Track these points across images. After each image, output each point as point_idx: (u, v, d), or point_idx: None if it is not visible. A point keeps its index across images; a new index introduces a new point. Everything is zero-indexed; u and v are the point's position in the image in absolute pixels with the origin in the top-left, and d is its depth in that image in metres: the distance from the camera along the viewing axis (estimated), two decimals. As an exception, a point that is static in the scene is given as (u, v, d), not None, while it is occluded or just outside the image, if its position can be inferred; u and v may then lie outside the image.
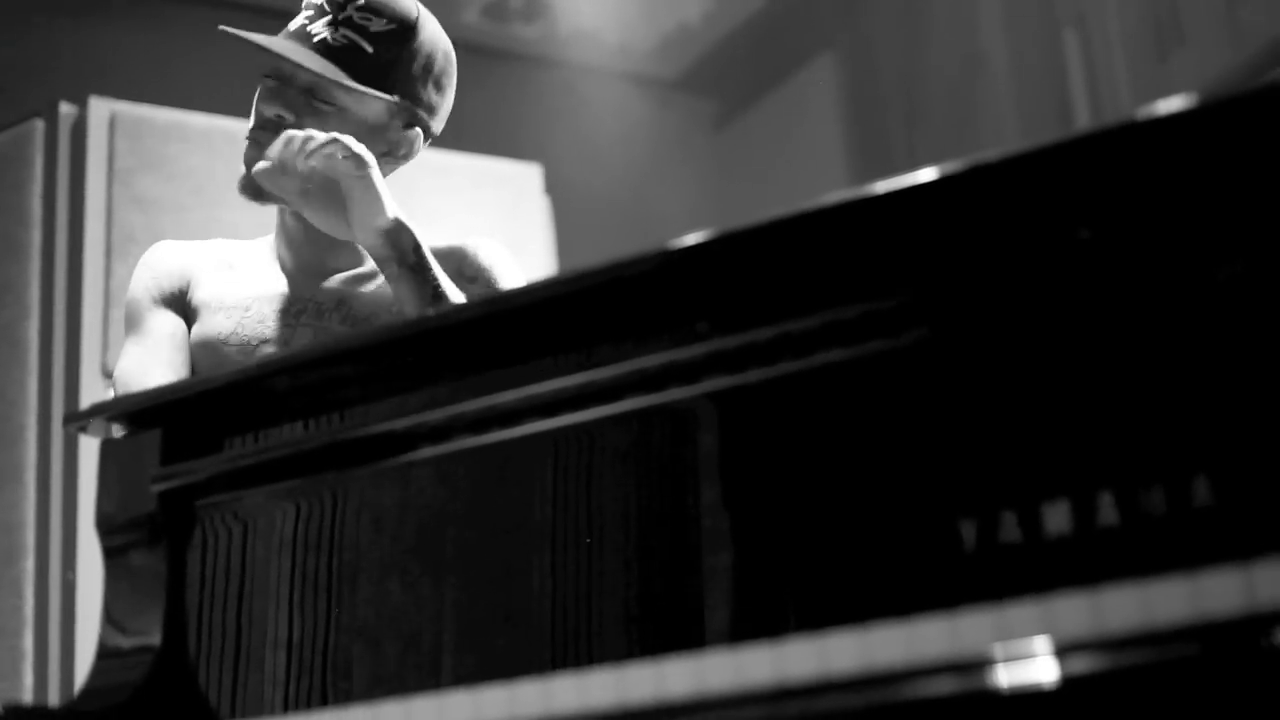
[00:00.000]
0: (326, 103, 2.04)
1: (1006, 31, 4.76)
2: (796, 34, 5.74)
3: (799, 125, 5.79)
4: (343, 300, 2.09)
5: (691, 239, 1.17)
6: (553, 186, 4.08)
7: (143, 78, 3.50)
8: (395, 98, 2.07)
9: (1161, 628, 0.93)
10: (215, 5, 3.63)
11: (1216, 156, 1.03)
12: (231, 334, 2.06)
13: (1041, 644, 0.94)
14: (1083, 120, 4.33)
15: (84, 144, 3.28)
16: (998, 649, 0.96)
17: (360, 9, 2.06)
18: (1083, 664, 0.94)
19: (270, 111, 2.03)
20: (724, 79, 6.09)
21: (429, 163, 3.65)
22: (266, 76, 2.06)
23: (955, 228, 1.12)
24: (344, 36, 2.05)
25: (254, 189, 2.02)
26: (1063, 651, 0.94)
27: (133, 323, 2.13)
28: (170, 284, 2.14)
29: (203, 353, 2.06)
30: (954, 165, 1.09)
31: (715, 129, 6.23)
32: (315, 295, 2.10)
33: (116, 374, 2.08)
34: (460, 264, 2.11)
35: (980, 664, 0.96)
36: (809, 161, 5.63)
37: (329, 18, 2.04)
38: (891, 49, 5.26)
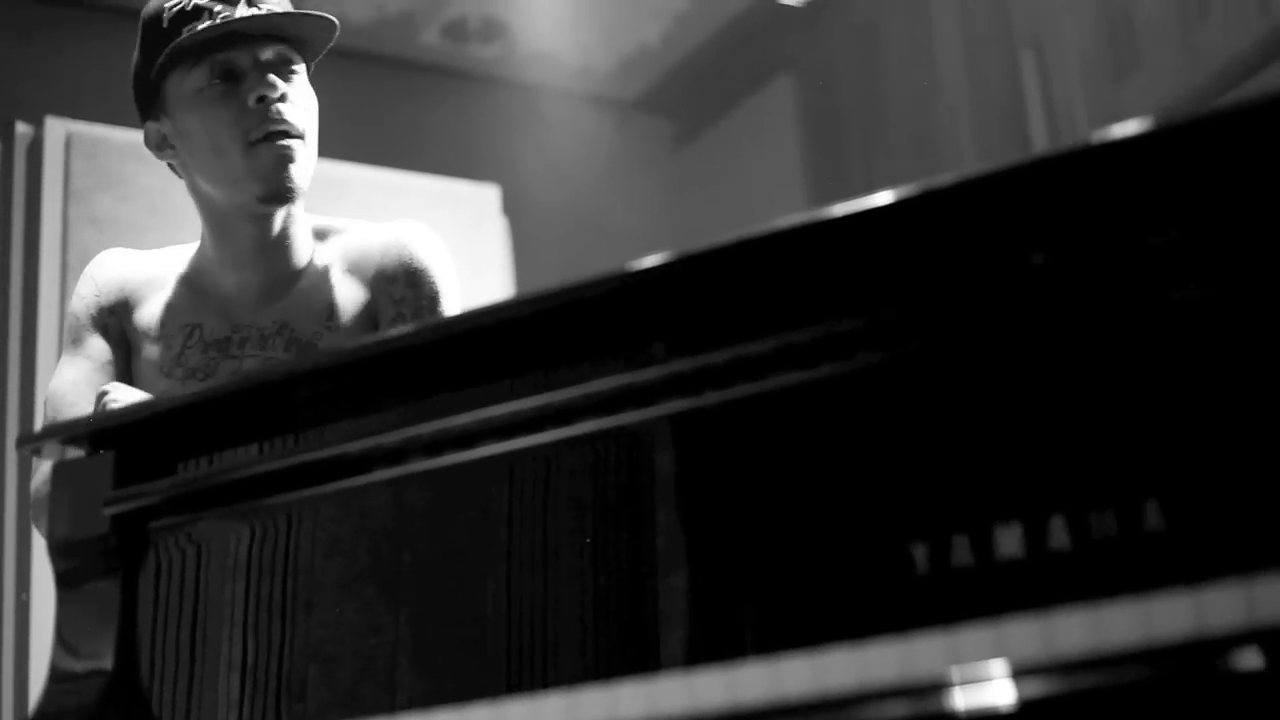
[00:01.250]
0: (295, 70, 2.07)
1: (964, 54, 4.78)
2: (755, 56, 5.76)
3: (757, 147, 5.81)
4: (284, 325, 2.08)
5: (649, 261, 1.17)
6: (511, 207, 4.08)
7: (99, 97, 3.49)
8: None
9: (1112, 651, 0.93)
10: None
11: (1172, 179, 1.04)
12: (175, 365, 2.05)
13: (996, 668, 0.95)
14: (1040, 143, 4.35)
15: (40, 164, 3.28)
16: (954, 672, 0.96)
17: None
18: (1034, 688, 0.94)
19: (276, 92, 2.02)
20: (683, 100, 6.10)
21: (386, 183, 3.66)
22: (266, 46, 2.05)
23: (913, 251, 1.13)
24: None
25: (287, 197, 2.03)
26: (1016, 675, 0.94)
27: (72, 338, 2.12)
28: (111, 301, 2.13)
29: (147, 379, 2.05)
30: (912, 188, 1.09)
31: (674, 150, 6.24)
32: (256, 321, 2.08)
33: (50, 391, 2.07)
34: (384, 262, 2.11)
35: (933, 688, 0.96)
36: (767, 183, 5.64)
37: None
38: (850, 71, 5.28)
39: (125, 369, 2.08)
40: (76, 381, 2.05)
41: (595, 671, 1.14)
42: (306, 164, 2.05)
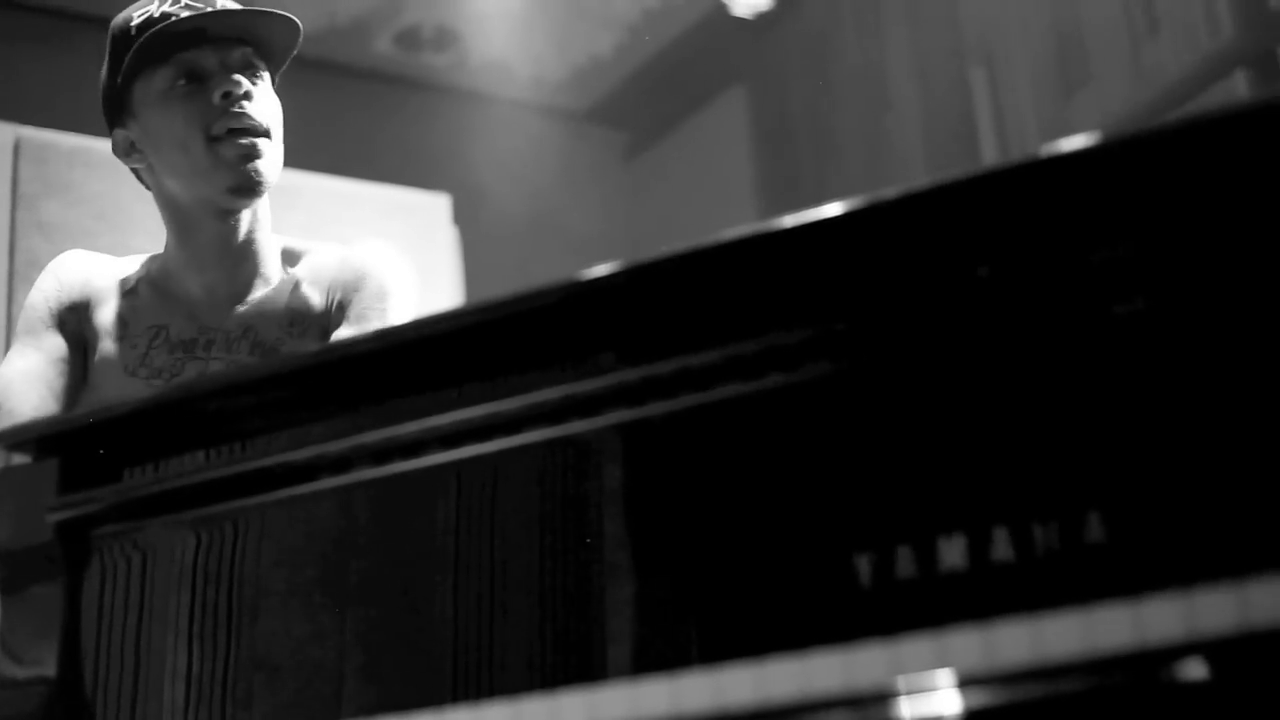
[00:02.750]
0: (260, 74, 2.08)
1: (915, 68, 4.81)
2: (707, 67, 5.77)
3: (709, 158, 5.82)
4: (250, 328, 2.08)
5: (599, 271, 1.17)
6: (461, 217, 4.08)
7: (47, 102, 3.48)
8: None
9: (1054, 662, 0.94)
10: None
11: (1120, 194, 1.04)
12: (139, 365, 2.05)
13: (940, 678, 0.95)
14: (989, 157, 4.37)
15: (-14, 169, 3.26)
16: (898, 682, 0.96)
17: None
18: (978, 698, 0.94)
19: (241, 89, 2.03)
20: (634, 111, 6.12)
21: (336, 191, 3.65)
22: (232, 49, 2.06)
23: (861, 263, 1.13)
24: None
25: (254, 191, 2.04)
26: (960, 685, 0.95)
27: (27, 329, 2.12)
28: (72, 298, 2.13)
29: (106, 379, 2.05)
30: (862, 200, 1.09)
31: (625, 161, 6.25)
32: (223, 324, 2.09)
33: None
34: (341, 276, 2.12)
35: (877, 698, 0.96)
36: (718, 194, 5.66)
37: None
38: (801, 84, 5.30)
39: (80, 368, 2.08)
40: (27, 373, 2.05)
41: (539, 680, 1.14)
42: (272, 161, 2.07)
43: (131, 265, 2.19)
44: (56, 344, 2.08)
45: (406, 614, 1.22)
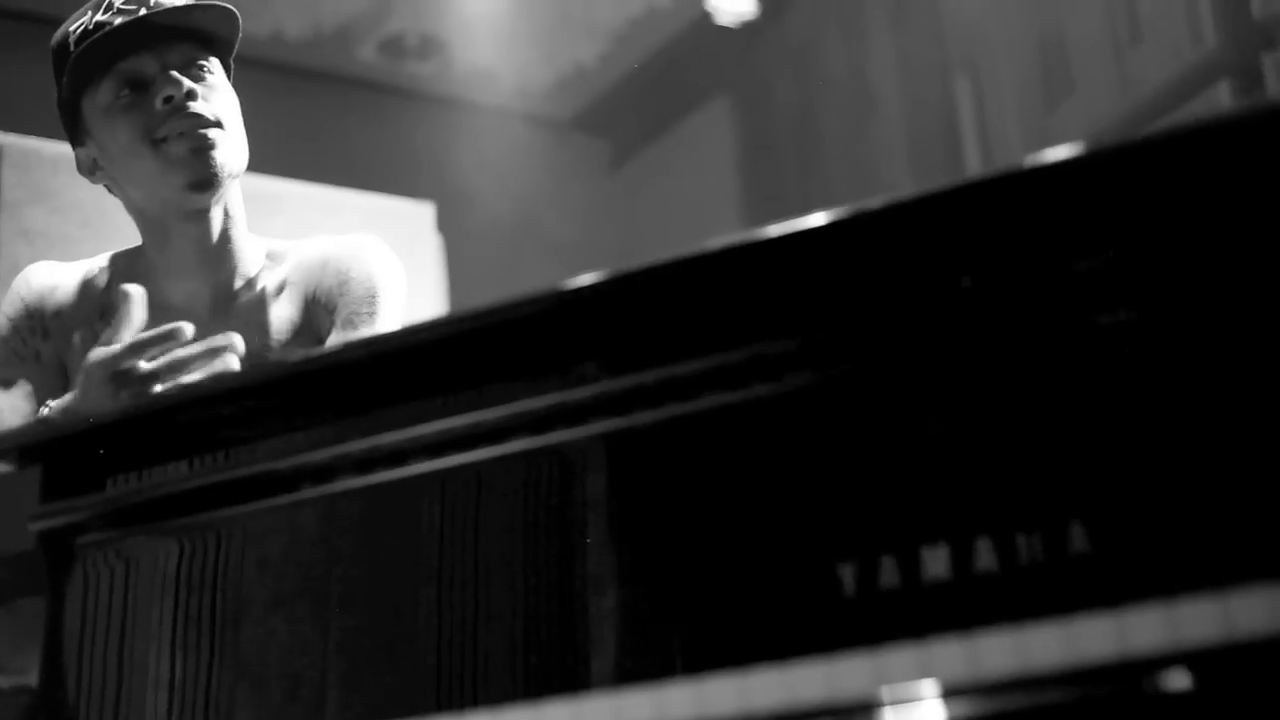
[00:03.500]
0: (206, 69, 2.06)
1: (899, 78, 4.81)
2: (692, 77, 5.78)
3: (693, 167, 5.83)
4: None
5: (582, 280, 1.17)
6: (445, 224, 4.08)
7: (31, 110, 3.47)
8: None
9: (1038, 673, 0.94)
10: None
11: (1103, 204, 1.04)
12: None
13: (923, 688, 0.95)
14: (973, 167, 4.38)
15: (-30, 177, 3.25)
16: (881, 693, 0.96)
17: None
18: (961, 708, 0.94)
19: (182, 90, 2.01)
20: (619, 120, 6.12)
21: (320, 199, 3.65)
22: (170, 48, 2.04)
23: (846, 273, 1.13)
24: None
25: (214, 182, 2.02)
26: (943, 696, 0.95)
27: (3, 362, 2.09)
28: (42, 323, 2.10)
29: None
30: (846, 210, 1.10)
31: (609, 170, 6.25)
32: (208, 335, 2.07)
33: None
34: (324, 277, 2.11)
35: (860, 708, 0.96)
36: (702, 203, 5.66)
37: None
38: (786, 93, 5.31)
39: (62, 390, 2.05)
40: (12, 409, 2.03)
41: (523, 690, 1.14)
42: (229, 149, 2.04)
43: (95, 266, 2.16)
44: (32, 373, 2.06)
45: (390, 623, 1.22)
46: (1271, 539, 0.93)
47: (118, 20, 2.00)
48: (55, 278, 2.15)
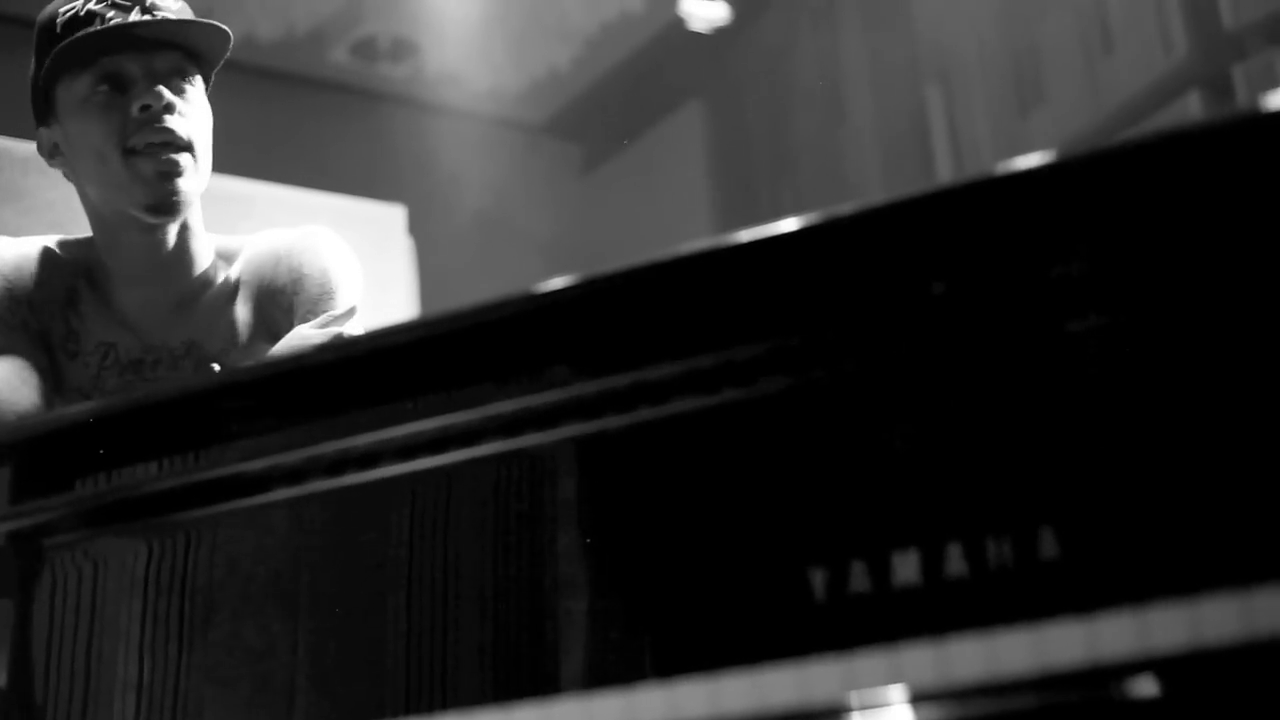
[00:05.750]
0: (188, 82, 2.04)
1: (871, 86, 4.83)
2: (665, 82, 5.79)
3: (665, 172, 5.84)
4: (193, 344, 2.05)
5: (554, 284, 1.17)
6: (416, 228, 4.08)
7: (1, 110, 3.46)
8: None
9: (1007, 679, 0.94)
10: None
11: (1074, 212, 1.05)
12: (93, 387, 2.02)
13: (893, 694, 0.95)
14: (945, 173, 4.40)
15: (-60, 175, 3.24)
16: (851, 698, 0.96)
17: None
18: (930, 714, 0.95)
19: (161, 102, 1.99)
20: (591, 124, 6.13)
21: (291, 201, 3.64)
22: (157, 54, 2.02)
23: (816, 278, 1.13)
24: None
25: (175, 209, 2.00)
26: (913, 701, 0.95)
27: None
28: (25, 293, 2.08)
29: (64, 400, 2.01)
30: (817, 216, 1.10)
31: (582, 174, 6.26)
32: (166, 341, 2.05)
33: None
34: (276, 274, 2.09)
35: (830, 713, 0.96)
36: (675, 208, 5.67)
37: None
38: (758, 100, 5.32)
39: (49, 368, 2.02)
40: (9, 377, 1.99)
41: (493, 694, 1.14)
42: (193, 176, 2.02)
43: (53, 248, 2.12)
44: (19, 342, 2.02)
45: (359, 626, 1.22)
46: (1243, 545, 0.93)
47: (110, 14, 1.97)
48: (16, 252, 2.12)
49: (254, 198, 3.47)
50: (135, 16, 1.99)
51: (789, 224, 1.10)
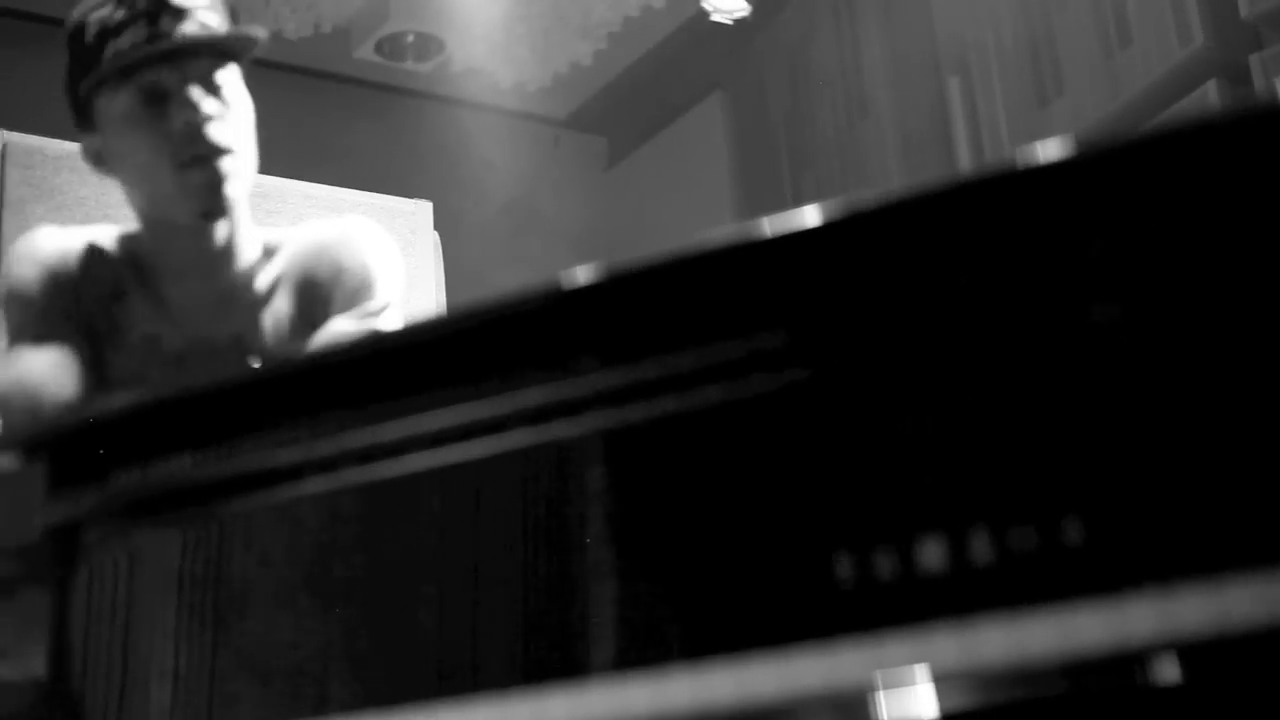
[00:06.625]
0: (223, 81, 2.05)
1: (891, 77, 4.83)
2: (687, 75, 5.79)
3: (688, 165, 5.83)
4: (238, 338, 2.07)
5: (579, 276, 1.18)
6: (442, 223, 4.09)
7: (34, 108, 3.48)
8: None
9: (1035, 664, 0.95)
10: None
11: (1094, 200, 1.06)
12: (137, 379, 2.03)
13: (921, 674, 0.96)
14: (966, 164, 4.39)
15: (-26, 174, 3.25)
16: (878, 678, 0.97)
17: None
18: (958, 698, 0.95)
19: (201, 114, 2.00)
20: (615, 118, 6.13)
21: (319, 197, 3.66)
22: (190, 61, 2.03)
23: (840, 268, 1.14)
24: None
25: (224, 212, 2.01)
26: (941, 685, 0.96)
27: (27, 322, 2.05)
28: (71, 282, 2.08)
29: (107, 391, 2.02)
30: (842, 205, 1.11)
31: (605, 167, 6.26)
32: (212, 334, 2.07)
33: (14, 380, 2.01)
34: (317, 267, 2.10)
35: (859, 695, 0.97)
36: (697, 201, 5.66)
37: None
38: (780, 92, 5.32)
39: (92, 359, 2.03)
40: (53, 366, 1.98)
41: (524, 678, 1.15)
42: (241, 179, 2.04)
43: (102, 240, 2.13)
44: (68, 333, 2.01)
45: (392, 614, 1.23)
46: (1268, 528, 0.94)
47: (141, 28, 1.98)
48: (63, 243, 2.13)
49: (283, 193, 3.48)
50: (165, 24, 1.99)
51: (811, 213, 1.11)
